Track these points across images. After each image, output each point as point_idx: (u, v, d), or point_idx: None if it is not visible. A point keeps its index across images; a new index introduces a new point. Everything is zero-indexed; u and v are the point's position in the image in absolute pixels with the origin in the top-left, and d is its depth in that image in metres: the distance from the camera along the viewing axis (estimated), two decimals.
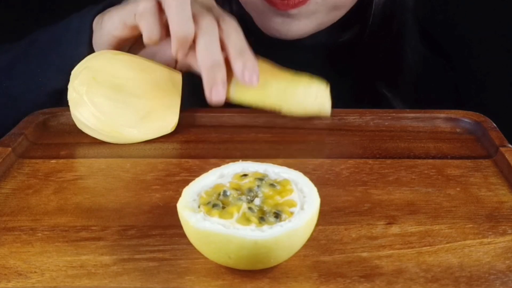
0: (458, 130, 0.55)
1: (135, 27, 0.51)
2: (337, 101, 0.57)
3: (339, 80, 0.73)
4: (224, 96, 0.50)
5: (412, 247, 0.39)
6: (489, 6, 0.75)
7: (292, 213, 0.35)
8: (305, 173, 0.39)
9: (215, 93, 0.49)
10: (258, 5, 0.64)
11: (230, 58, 0.50)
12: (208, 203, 0.36)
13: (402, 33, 0.70)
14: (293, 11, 0.62)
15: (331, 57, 0.71)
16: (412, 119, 0.56)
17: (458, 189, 0.45)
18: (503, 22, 0.77)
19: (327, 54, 0.71)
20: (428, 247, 0.39)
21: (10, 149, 0.49)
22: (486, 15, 0.76)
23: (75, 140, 0.53)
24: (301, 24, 0.64)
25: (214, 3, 0.54)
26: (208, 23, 0.50)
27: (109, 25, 0.53)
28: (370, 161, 0.49)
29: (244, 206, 0.35)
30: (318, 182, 0.38)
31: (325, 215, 0.41)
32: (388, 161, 0.49)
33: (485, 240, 0.39)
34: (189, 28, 0.49)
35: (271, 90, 0.53)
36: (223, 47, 0.50)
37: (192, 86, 0.55)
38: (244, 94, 0.53)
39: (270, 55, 0.72)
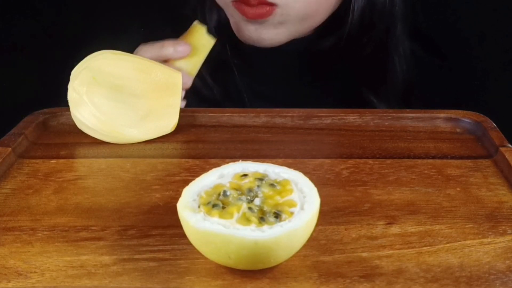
0: (458, 130, 0.55)
1: None
2: (323, 106, 0.58)
3: (324, 86, 0.73)
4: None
5: (412, 247, 0.39)
6: (489, 5, 0.75)
7: (292, 213, 0.35)
8: (305, 173, 0.39)
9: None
10: (234, 14, 0.66)
11: (163, 56, 0.62)
12: (208, 203, 0.36)
13: (387, 42, 0.70)
14: (262, 20, 0.63)
15: (314, 64, 0.71)
16: (412, 119, 0.56)
17: (458, 189, 0.45)
18: (503, 22, 0.77)
19: (309, 60, 0.71)
20: (428, 247, 0.39)
21: (10, 149, 0.49)
22: (486, 15, 0.76)
23: (75, 140, 0.53)
24: (272, 33, 0.66)
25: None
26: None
27: None
28: (370, 161, 0.49)
29: (244, 206, 0.35)
30: (318, 182, 0.38)
31: (325, 215, 0.41)
32: (388, 161, 0.49)
33: (485, 240, 0.39)
34: None
35: (195, 48, 0.63)
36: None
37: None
38: (191, 63, 0.63)
39: (252, 61, 0.73)
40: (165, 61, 0.61)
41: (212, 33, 0.64)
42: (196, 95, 0.70)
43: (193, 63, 0.63)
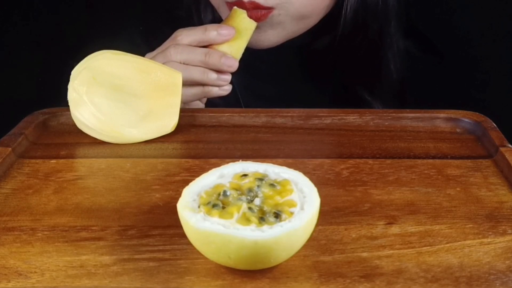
0: (458, 130, 0.55)
1: None
2: (318, 105, 0.58)
3: (318, 85, 0.73)
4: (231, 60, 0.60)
5: (412, 247, 0.39)
6: (489, 5, 0.75)
7: (292, 213, 0.35)
8: (305, 173, 0.39)
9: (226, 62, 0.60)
10: None
11: (206, 40, 0.61)
12: (208, 203, 0.36)
13: (381, 40, 0.70)
14: (259, 23, 0.64)
15: (308, 63, 0.72)
16: (412, 119, 0.56)
17: (458, 189, 0.45)
18: (503, 21, 0.77)
19: (303, 60, 0.71)
20: (428, 247, 0.39)
21: (10, 149, 0.49)
22: (486, 14, 0.76)
23: (75, 140, 0.53)
24: (269, 34, 0.66)
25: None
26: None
27: None
28: (370, 161, 0.49)
29: (244, 206, 0.35)
30: (318, 182, 0.38)
31: (325, 215, 0.41)
32: (388, 161, 0.49)
33: (485, 240, 0.39)
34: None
35: (238, 32, 0.62)
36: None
37: None
38: (234, 47, 0.62)
39: (246, 60, 0.72)
40: (208, 45, 0.61)
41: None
42: None
43: (237, 47, 0.62)
